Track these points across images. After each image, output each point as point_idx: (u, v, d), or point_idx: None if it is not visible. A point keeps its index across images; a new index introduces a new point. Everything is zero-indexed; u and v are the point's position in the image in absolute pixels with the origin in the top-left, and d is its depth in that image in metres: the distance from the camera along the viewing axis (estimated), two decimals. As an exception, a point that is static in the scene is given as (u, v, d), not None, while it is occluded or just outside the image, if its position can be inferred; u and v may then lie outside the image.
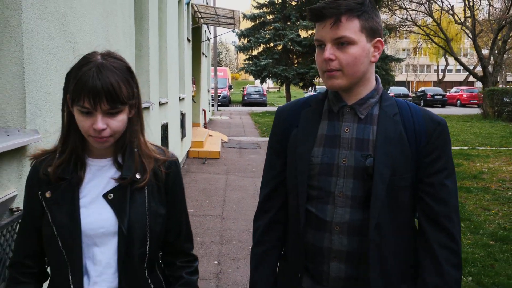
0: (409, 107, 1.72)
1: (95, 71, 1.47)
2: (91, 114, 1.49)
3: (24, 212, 1.64)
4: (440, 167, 1.66)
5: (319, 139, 1.73)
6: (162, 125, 7.57)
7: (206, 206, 7.34)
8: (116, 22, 4.62)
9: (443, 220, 1.64)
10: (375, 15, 1.65)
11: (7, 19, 2.52)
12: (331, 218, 1.68)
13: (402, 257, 1.70)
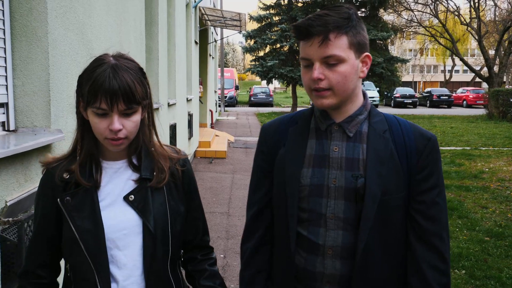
0: (398, 123, 1.68)
1: (111, 72, 1.46)
2: (106, 116, 1.48)
3: (38, 220, 1.60)
4: (431, 185, 1.62)
5: (308, 159, 1.67)
6: (171, 125, 7.86)
7: (213, 203, 7.61)
8: (128, 28, 4.91)
9: (433, 239, 1.61)
10: (362, 28, 1.60)
11: (35, 30, 2.80)
12: (324, 241, 1.63)
13: (391, 279, 1.66)
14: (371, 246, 1.58)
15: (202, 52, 15.22)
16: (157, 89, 6.73)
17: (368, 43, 1.63)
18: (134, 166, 1.62)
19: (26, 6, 2.77)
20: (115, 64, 1.48)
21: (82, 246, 1.51)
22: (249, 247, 1.81)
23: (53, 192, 1.54)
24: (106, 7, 4.05)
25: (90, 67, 1.50)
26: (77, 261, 1.54)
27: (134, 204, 1.57)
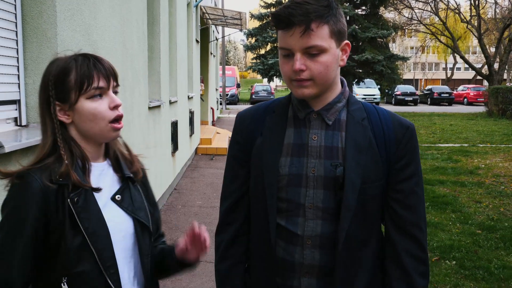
0: (377, 111, 1.65)
1: (90, 57, 1.48)
2: (102, 97, 1.48)
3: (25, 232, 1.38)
4: (410, 173, 1.61)
5: (286, 148, 1.63)
6: (172, 122, 8.06)
7: (213, 198, 7.79)
8: (131, 28, 5.11)
9: (411, 228, 1.61)
10: (341, 15, 1.55)
11: (45, 32, 3.00)
12: (302, 231, 1.59)
13: (370, 268, 1.64)
14: (351, 235, 1.56)
15: (203, 51, 15.42)
16: (159, 87, 6.93)
17: (346, 31, 1.58)
18: (114, 166, 1.61)
19: (37, 9, 2.97)
20: (83, 53, 1.50)
21: (93, 250, 1.44)
22: (224, 239, 1.75)
23: (45, 197, 1.39)
24: (111, 8, 4.25)
25: (60, 65, 1.47)
26: (83, 271, 1.43)
27: (122, 204, 1.55)
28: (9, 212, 1.39)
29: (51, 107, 1.46)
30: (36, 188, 1.38)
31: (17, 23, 2.91)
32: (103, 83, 1.47)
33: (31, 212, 1.37)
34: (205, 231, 1.61)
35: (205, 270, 4.88)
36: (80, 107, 1.46)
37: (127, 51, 4.89)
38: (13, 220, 1.38)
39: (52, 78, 1.46)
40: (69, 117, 1.48)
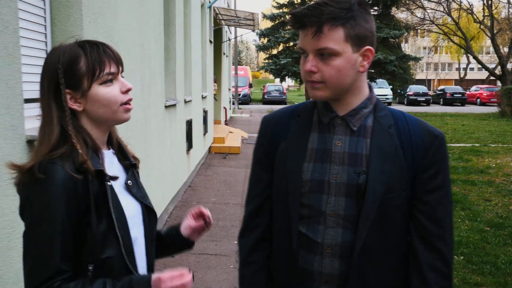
0: (405, 118, 1.60)
1: (98, 44, 1.49)
2: (112, 82, 1.49)
3: (62, 217, 1.38)
4: (438, 184, 1.55)
5: (309, 153, 1.59)
6: (187, 121, 8.25)
7: (227, 195, 7.98)
8: (149, 30, 5.30)
9: (436, 241, 1.55)
10: (365, 20, 1.49)
11: (72, 34, 3.19)
12: (322, 239, 1.56)
13: (390, 280, 1.60)
14: (370, 245, 1.52)
15: (216, 51, 15.63)
16: (175, 87, 7.13)
17: (371, 36, 1.52)
18: (117, 154, 1.63)
19: (64, 13, 3.17)
20: (87, 40, 1.51)
21: (119, 236, 1.47)
22: (247, 244, 1.74)
23: (76, 187, 1.40)
24: (130, 11, 4.45)
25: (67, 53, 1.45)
26: (108, 257, 1.46)
27: (132, 190, 1.58)
28: (42, 207, 1.37)
29: (61, 96, 1.44)
30: (63, 178, 1.37)
31: (46, 26, 3.10)
32: (114, 68, 1.49)
33: (63, 203, 1.37)
34: (208, 211, 1.75)
35: (220, 263, 5.07)
36: (94, 93, 1.46)
37: (145, 51, 5.09)
38: (49, 213, 1.36)
39: (61, 66, 1.43)
40: (80, 104, 1.47)
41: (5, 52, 2.26)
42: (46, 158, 1.39)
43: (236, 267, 4.93)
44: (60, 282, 1.35)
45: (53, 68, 1.43)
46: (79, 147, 1.43)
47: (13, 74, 2.34)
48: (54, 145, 1.41)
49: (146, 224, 1.61)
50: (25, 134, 2.48)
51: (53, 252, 1.35)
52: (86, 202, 1.41)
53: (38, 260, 1.36)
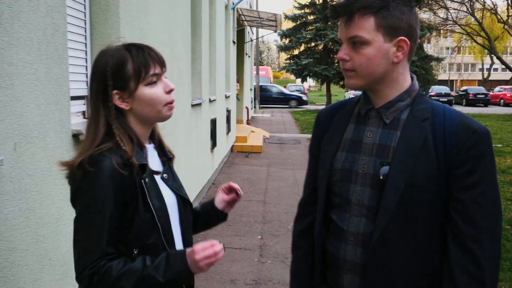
0: (444, 112, 1.55)
1: (143, 47, 1.60)
2: (156, 83, 1.60)
3: (109, 206, 1.50)
4: (472, 182, 1.46)
5: (344, 143, 1.65)
6: (211, 119, 8.46)
7: (250, 192, 8.16)
8: (177, 32, 5.51)
9: (469, 242, 1.46)
10: (401, 11, 1.50)
11: (109, 36, 3.40)
12: (347, 227, 1.60)
13: (416, 274, 1.55)
14: (388, 237, 1.52)
15: (239, 51, 15.83)
16: (200, 86, 7.34)
17: (407, 27, 1.51)
18: (157, 149, 1.74)
19: (103, 16, 3.38)
20: (133, 44, 1.61)
21: (158, 225, 1.59)
22: (298, 229, 1.84)
23: (122, 178, 1.52)
24: (161, 14, 4.66)
25: (115, 56, 1.56)
26: (152, 243, 1.59)
27: (168, 182, 1.69)
28: (92, 196, 1.49)
29: (108, 96, 1.55)
30: (110, 170, 1.48)
31: (86, 29, 3.32)
32: (158, 69, 1.59)
33: (110, 192, 1.49)
34: (236, 184, 1.92)
35: (244, 257, 5.25)
36: (140, 93, 1.57)
37: (173, 52, 5.30)
38: (98, 202, 1.49)
39: (110, 69, 1.54)
40: (128, 104, 1.58)
41: (56, 53, 2.47)
42: (94, 152, 1.50)
43: (260, 261, 5.12)
44: (105, 261, 1.48)
45: (102, 71, 1.56)
46: (124, 143, 1.54)
47: (62, 74, 2.55)
48: (100, 141, 1.53)
49: (182, 213, 1.72)
50: (71, 129, 2.69)
51: (101, 237, 1.49)
52: (132, 193, 1.54)
53: (88, 244, 1.50)
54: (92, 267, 1.47)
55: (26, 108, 2.19)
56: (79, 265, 1.51)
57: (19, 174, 2.16)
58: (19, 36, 2.12)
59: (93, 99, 1.58)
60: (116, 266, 1.49)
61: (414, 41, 1.55)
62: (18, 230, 2.17)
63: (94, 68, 1.59)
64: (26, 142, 2.21)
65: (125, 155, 1.52)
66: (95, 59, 1.61)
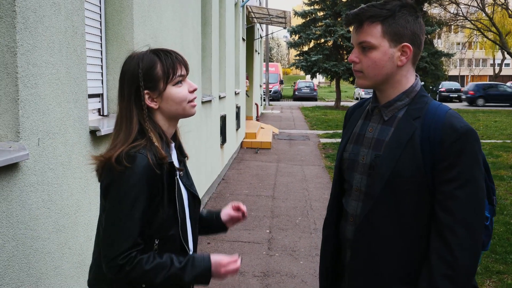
0: (436, 111, 1.69)
1: (171, 52, 1.75)
2: (182, 83, 1.75)
3: (142, 200, 1.63)
4: (452, 177, 1.61)
5: (352, 136, 1.87)
6: (221, 116, 8.60)
7: (259, 188, 8.30)
8: (188, 31, 5.66)
9: (445, 231, 1.61)
10: (406, 20, 1.68)
11: (123, 36, 3.55)
12: (349, 209, 1.83)
13: (400, 260, 1.71)
14: (373, 219, 1.71)
15: (248, 48, 15.95)
16: (210, 83, 7.48)
17: (411, 35, 1.69)
18: (176, 147, 1.88)
19: (117, 17, 3.53)
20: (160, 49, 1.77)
21: (179, 218, 1.74)
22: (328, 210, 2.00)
23: (154, 174, 1.64)
24: (173, 13, 4.80)
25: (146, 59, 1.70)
26: (172, 235, 1.73)
27: (182, 179, 1.82)
28: (127, 191, 1.61)
29: (140, 96, 1.69)
30: (146, 168, 1.62)
31: (101, 29, 3.47)
32: (184, 71, 1.75)
33: (144, 187, 1.62)
34: (245, 207, 2.07)
35: (253, 250, 5.39)
36: (169, 93, 1.72)
37: (184, 50, 5.44)
38: (132, 195, 1.61)
39: (141, 71, 1.68)
40: (157, 103, 1.72)
41: (75, 54, 2.62)
42: (131, 149, 1.63)
43: (269, 254, 5.26)
44: (136, 253, 1.61)
45: (134, 73, 1.70)
46: (156, 141, 1.68)
47: (80, 73, 2.70)
48: (134, 138, 1.66)
49: (192, 208, 1.86)
50: (89, 125, 2.84)
51: (133, 228, 1.62)
52: (159, 188, 1.67)
53: (120, 234, 1.61)
54: (125, 257, 1.60)
55: (48, 106, 2.35)
56: (111, 253, 1.62)
57: (42, 168, 2.32)
58: (43, 39, 2.28)
59: (124, 99, 1.72)
60: (147, 260, 1.63)
61: (418, 47, 1.73)
62: (41, 220, 2.32)
63: (125, 71, 1.73)
64: (48, 138, 2.36)
65: (158, 153, 1.66)
66: (125, 63, 1.75)
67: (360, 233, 1.75)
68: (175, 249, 1.74)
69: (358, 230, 1.75)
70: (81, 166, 2.71)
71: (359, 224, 1.75)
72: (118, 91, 1.75)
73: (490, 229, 1.85)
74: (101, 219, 1.73)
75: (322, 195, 7.82)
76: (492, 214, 1.87)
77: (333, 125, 18.55)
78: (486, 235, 1.82)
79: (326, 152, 12.27)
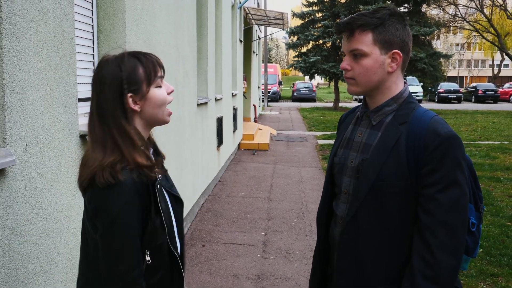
0: (421, 117, 1.73)
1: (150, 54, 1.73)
2: (161, 85, 1.73)
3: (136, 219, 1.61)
4: (433, 181, 1.65)
5: (343, 141, 1.92)
6: (218, 118, 8.60)
7: (255, 190, 8.30)
8: (183, 33, 5.65)
9: (426, 233, 1.65)
10: (395, 28, 1.73)
11: (116, 40, 3.55)
12: (338, 212, 1.88)
13: (385, 261, 1.75)
14: (359, 221, 1.76)
15: (246, 50, 15.95)
16: (206, 85, 7.48)
17: (400, 42, 1.75)
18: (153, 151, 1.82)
19: (109, 21, 3.53)
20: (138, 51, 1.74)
21: (165, 226, 1.71)
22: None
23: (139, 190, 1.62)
24: (167, 16, 4.80)
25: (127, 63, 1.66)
26: (161, 243, 1.71)
27: (162, 182, 1.77)
28: (120, 211, 1.57)
29: (123, 99, 1.63)
30: (133, 183, 1.58)
31: (93, 33, 3.47)
32: (162, 73, 1.73)
33: (136, 206, 1.59)
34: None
35: (248, 252, 5.39)
36: (152, 94, 1.69)
37: (179, 53, 5.44)
38: (125, 217, 1.57)
39: (124, 73, 1.63)
40: (139, 105, 1.68)
41: (64, 59, 2.62)
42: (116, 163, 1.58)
43: (263, 256, 5.26)
44: (138, 273, 1.60)
45: (116, 76, 1.64)
46: (142, 145, 1.65)
47: (70, 78, 2.70)
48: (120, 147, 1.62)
49: (175, 210, 1.82)
50: (79, 130, 2.84)
51: (134, 246, 1.59)
52: (148, 201, 1.65)
53: (122, 252, 1.58)
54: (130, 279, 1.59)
55: (36, 111, 2.34)
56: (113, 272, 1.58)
57: (30, 173, 2.31)
58: (30, 45, 2.27)
59: (111, 102, 1.64)
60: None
61: (407, 54, 1.79)
62: (29, 225, 2.32)
63: (104, 75, 1.65)
64: (36, 143, 2.36)
65: (144, 158, 1.63)
66: (100, 66, 1.68)
67: (346, 234, 1.79)
68: (164, 255, 1.73)
69: (345, 232, 1.80)
70: (70, 170, 2.70)
71: (345, 225, 1.80)
72: (94, 96, 1.68)
73: (477, 235, 1.86)
74: (86, 230, 1.69)
75: (318, 197, 7.78)
76: (479, 221, 1.88)
77: (331, 126, 18.54)
78: (472, 241, 1.84)
79: (324, 153, 12.27)
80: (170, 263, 1.77)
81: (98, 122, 1.66)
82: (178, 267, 1.79)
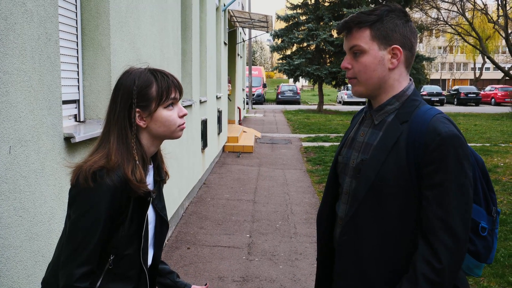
0: (422, 116, 1.68)
1: (167, 74, 1.76)
2: (173, 106, 1.76)
3: (100, 222, 1.62)
4: (436, 182, 1.60)
5: (347, 141, 1.91)
6: (202, 120, 8.59)
7: (240, 192, 8.31)
8: (167, 35, 5.65)
9: (429, 235, 1.60)
10: (394, 24, 1.71)
11: (100, 42, 3.54)
12: (339, 213, 1.87)
13: (384, 262, 1.71)
14: (358, 222, 1.73)
15: (231, 52, 15.98)
16: (191, 88, 7.47)
17: (400, 37, 1.71)
18: (154, 170, 1.86)
19: (93, 23, 3.52)
20: (157, 69, 1.77)
21: (141, 238, 1.74)
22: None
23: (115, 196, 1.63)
24: (151, 19, 4.80)
25: (142, 78, 1.71)
26: (128, 254, 1.73)
27: (154, 202, 1.82)
28: (89, 209, 1.61)
29: (131, 113, 1.69)
30: (109, 189, 1.61)
31: (77, 35, 3.45)
32: (177, 95, 1.76)
33: (105, 208, 1.61)
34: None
35: (233, 255, 5.39)
36: (159, 114, 1.72)
37: (164, 55, 5.44)
38: (93, 216, 1.61)
39: (136, 88, 1.69)
40: (145, 122, 1.73)
41: (49, 61, 2.60)
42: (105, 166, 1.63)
43: (248, 258, 5.27)
44: (84, 271, 1.60)
45: (129, 89, 1.70)
46: (137, 159, 1.69)
47: (54, 80, 2.68)
48: (114, 154, 1.66)
49: (157, 231, 1.87)
50: (63, 132, 2.82)
51: (92, 243, 1.61)
52: (125, 207, 1.67)
53: (79, 245, 1.61)
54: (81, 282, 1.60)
55: (20, 113, 2.33)
56: (66, 267, 1.62)
57: (13, 176, 2.30)
58: (14, 47, 2.26)
59: (116, 113, 1.71)
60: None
61: (410, 50, 1.75)
62: (13, 228, 2.30)
63: (120, 85, 1.73)
64: (20, 145, 2.34)
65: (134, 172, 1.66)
66: (121, 77, 1.75)
67: (346, 235, 1.77)
68: (131, 267, 1.75)
69: (344, 232, 1.78)
70: (55, 173, 2.69)
71: (344, 225, 1.78)
72: (110, 101, 1.75)
73: (489, 240, 1.79)
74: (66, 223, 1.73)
75: (303, 199, 7.85)
76: (492, 225, 1.80)
77: (316, 129, 18.62)
78: (483, 246, 1.77)
79: (308, 156, 12.32)
80: (138, 277, 1.80)
81: (105, 125, 1.74)
82: (145, 282, 1.83)
